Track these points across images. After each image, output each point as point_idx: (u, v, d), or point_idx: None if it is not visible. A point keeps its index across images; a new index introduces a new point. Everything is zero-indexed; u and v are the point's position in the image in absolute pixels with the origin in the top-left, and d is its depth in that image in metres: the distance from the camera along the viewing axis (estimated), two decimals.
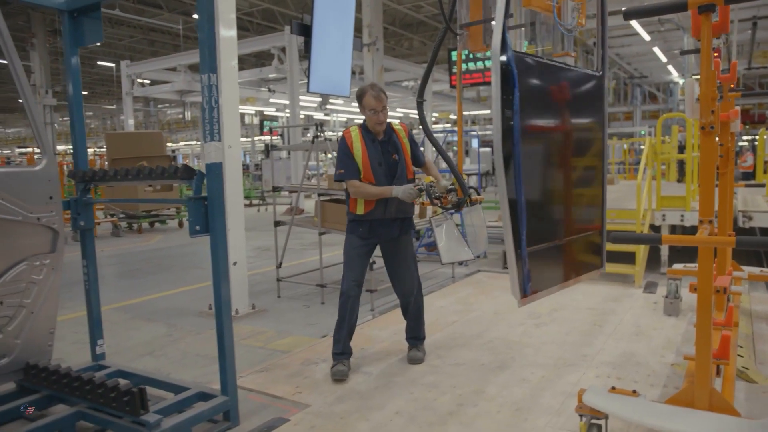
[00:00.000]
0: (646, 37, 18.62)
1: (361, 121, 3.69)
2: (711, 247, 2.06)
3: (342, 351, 3.60)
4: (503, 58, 1.93)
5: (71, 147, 3.74)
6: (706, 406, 2.10)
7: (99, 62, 24.51)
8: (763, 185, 8.19)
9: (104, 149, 13.21)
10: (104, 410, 2.73)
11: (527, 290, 2.23)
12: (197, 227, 2.77)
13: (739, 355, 3.67)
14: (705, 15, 1.91)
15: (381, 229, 3.64)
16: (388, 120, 3.67)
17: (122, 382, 2.72)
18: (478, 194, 3.82)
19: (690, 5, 1.92)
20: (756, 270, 4.72)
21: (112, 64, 22.51)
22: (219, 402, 2.86)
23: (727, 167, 3.53)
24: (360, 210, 3.56)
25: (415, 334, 3.90)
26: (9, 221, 2.88)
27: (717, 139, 2.57)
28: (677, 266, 4.85)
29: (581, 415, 2.30)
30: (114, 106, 33.73)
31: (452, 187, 3.58)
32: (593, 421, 2.29)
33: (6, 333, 2.93)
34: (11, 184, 2.89)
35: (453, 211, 3.67)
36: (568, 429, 2.80)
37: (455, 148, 7.11)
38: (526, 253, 2.18)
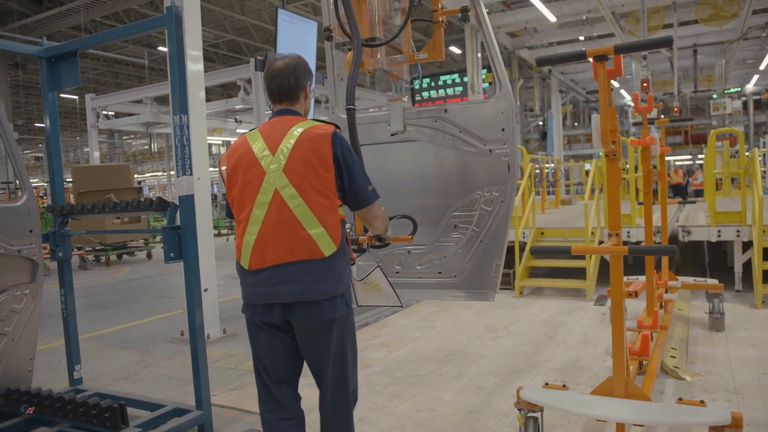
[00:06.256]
0: None
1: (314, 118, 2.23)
2: (620, 257, 2.41)
3: None
4: None
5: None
6: (622, 394, 2.43)
7: (62, 95, 24.41)
8: (694, 202, 8.75)
9: (70, 182, 13.18)
10: (86, 428, 2.92)
11: None
12: (171, 254, 3.02)
13: (671, 356, 4.05)
14: (600, 63, 2.30)
15: None
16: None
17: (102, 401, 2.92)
18: None
19: (588, 54, 2.30)
20: (690, 280, 5.14)
21: (75, 97, 22.43)
22: (194, 416, 3.07)
23: (649, 186, 3.94)
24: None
25: None
26: None
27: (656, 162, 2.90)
28: None
29: (519, 409, 2.61)
30: (78, 138, 33.42)
31: None
32: (530, 414, 2.60)
33: None
34: None
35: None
36: (515, 426, 3.10)
37: None
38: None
